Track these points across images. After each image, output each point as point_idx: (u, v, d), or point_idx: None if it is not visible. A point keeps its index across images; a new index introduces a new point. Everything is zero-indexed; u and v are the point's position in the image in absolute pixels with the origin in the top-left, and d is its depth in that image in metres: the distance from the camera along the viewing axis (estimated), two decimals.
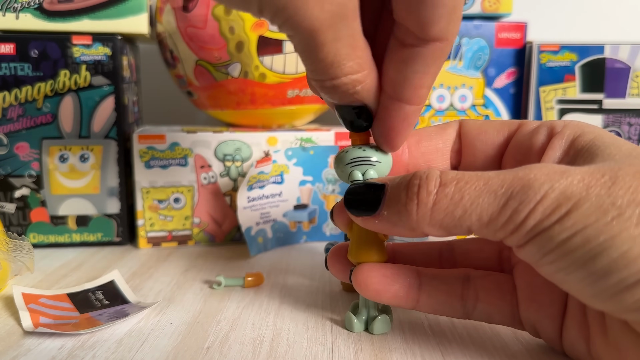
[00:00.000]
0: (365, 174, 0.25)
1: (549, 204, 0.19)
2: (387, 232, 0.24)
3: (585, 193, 0.19)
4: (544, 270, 0.20)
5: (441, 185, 0.21)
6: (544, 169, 0.20)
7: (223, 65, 0.47)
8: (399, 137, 0.24)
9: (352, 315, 0.27)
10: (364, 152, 0.25)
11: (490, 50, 0.54)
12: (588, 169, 0.20)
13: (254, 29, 0.46)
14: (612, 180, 0.19)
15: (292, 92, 0.49)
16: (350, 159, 0.25)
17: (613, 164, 0.20)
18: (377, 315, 0.27)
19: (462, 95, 0.55)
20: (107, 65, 0.46)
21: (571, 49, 0.53)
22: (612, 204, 0.18)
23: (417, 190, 0.22)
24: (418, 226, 0.22)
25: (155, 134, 0.45)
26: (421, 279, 0.26)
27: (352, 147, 0.25)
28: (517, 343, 0.26)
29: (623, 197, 0.18)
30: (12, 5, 0.45)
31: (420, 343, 0.26)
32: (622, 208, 0.18)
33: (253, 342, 0.26)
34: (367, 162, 0.25)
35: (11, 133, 0.45)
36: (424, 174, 0.22)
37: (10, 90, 0.44)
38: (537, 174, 0.20)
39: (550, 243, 0.19)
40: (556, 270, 0.19)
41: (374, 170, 0.25)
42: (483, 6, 0.54)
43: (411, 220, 0.22)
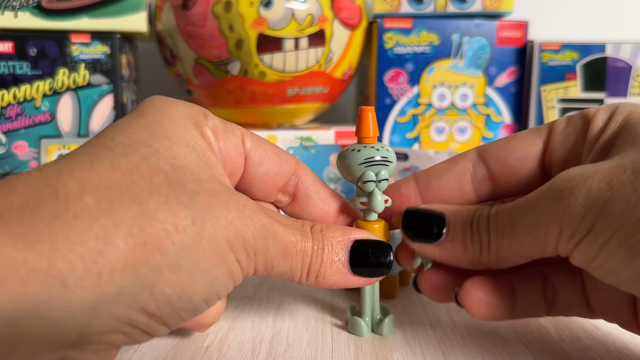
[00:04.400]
0: (378, 174, 0.24)
1: (577, 210, 0.19)
2: (447, 262, 0.24)
3: (609, 193, 0.18)
4: (596, 274, 0.20)
5: (490, 220, 0.22)
6: (563, 176, 0.20)
7: (222, 63, 0.47)
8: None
9: (359, 319, 0.26)
10: (379, 150, 0.24)
11: (491, 49, 0.54)
12: (608, 166, 0.19)
13: (254, 26, 0.46)
14: (634, 174, 0.18)
15: (291, 90, 0.49)
16: (364, 159, 0.24)
17: (635, 154, 0.19)
18: (382, 316, 0.26)
19: (463, 94, 0.55)
20: (105, 63, 0.46)
21: (572, 47, 0.53)
22: (639, 199, 0.18)
23: (478, 227, 0.22)
24: (481, 264, 0.23)
25: None
26: (514, 285, 0.24)
27: (363, 146, 0.24)
28: (518, 342, 0.25)
29: None
30: (11, 4, 0.45)
31: (421, 342, 0.25)
32: None
33: (252, 341, 0.25)
34: (383, 162, 0.24)
35: (10, 132, 0.45)
36: (483, 210, 0.23)
37: (9, 89, 0.44)
38: (558, 184, 0.20)
39: (592, 249, 0.19)
40: (606, 273, 0.19)
41: (385, 170, 0.24)
42: (484, 4, 0.53)
43: (474, 257, 0.23)
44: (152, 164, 0.18)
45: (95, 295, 0.15)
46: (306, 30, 0.47)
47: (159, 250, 0.17)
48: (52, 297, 0.15)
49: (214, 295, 0.19)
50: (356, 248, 0.23)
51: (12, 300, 0.14)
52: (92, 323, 0.16)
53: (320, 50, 0.48)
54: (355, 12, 0.50)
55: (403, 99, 0.55)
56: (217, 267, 0.18)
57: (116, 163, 0.18)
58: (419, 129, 0.55)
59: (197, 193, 0.19)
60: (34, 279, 0.14)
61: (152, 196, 0.17)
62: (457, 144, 0.55)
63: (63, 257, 0.15)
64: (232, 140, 0.23)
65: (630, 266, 0.18)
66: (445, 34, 0.53)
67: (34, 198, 0.16)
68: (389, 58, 0.54)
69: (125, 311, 0.16)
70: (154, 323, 0.17)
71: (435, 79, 0.54)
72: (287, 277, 0.22)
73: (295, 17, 0.46)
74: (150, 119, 0.20)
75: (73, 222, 0.15)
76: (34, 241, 0.15)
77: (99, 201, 0.16)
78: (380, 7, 0.53)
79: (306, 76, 0.49)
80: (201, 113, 0.22)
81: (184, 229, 0.17)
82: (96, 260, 0.15)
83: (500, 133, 0.55)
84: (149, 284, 0.16)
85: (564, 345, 0.25)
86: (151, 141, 0.19)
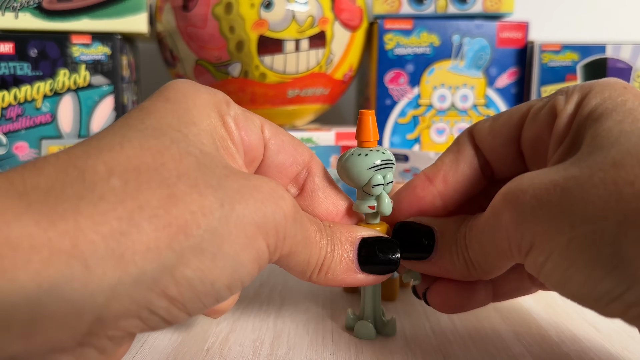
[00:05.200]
0: (386, 177, 0.24)
1: (515, 229, 0.20)
2: (438, 275, 0.24)
3: (540, 213, 0.19)
4: (548, 286, 0.20)
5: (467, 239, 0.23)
6: (504, 190, 0.20)
7: (223, 64, 0.47)
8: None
9: (367, 322, 0.26)
10: (384, 154, 0.24)
11: (491, 50, 0.54)
12: (542, 180, 0.19)
13: (254, 28, 0.46)
14: (564, 192, 0.18)
15: (292, 91, 0.49)
16: (373, 163, 0.24)
17: (578, 166, 0.19)
18: (385, 318, 0.26)
19: (463, 95, 0.55)
20: (106, 64, 0.46)
21: (573, 48, 0.53)
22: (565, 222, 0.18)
23: (462, 242, 0.23)
24: (472, 277, 0.23)
25: None
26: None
27: (369, 150, 0.24)
28: (518, 344, 0.25)
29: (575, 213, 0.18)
30: (12, 5, 0.45)
31: (421, 345, 0.25)
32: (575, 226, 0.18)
33: (253, 343, 0.26)
34: (389, 165, 0.24)
35: (10, 133, 0.45)
36: (462, 230, 0.23)
37: (10, 90, 0.44)
38: (498, 202, 0.21)
39: (535, 267, 0.20)
40: (553, 287, 0.20)
41: (391, 173, 0.25)
42: (485, 5, 0.53)
43: (463, 269, 0.23)
44: (182, 147, 0.18)
45: (115, 277, 0.15)
46: (307, 32, 0.47)
47: (184, 233, 0.16)
48: (73, 277, 0.15)
49: (238, 281, 0.18)
50: (364, 246, 0.23)
51: (35, 281, 0.14)
52: (111, 305, 0.15)
53: (321, 51, 0.48)
54: (355, 13, 0.50)
55: (403, 100, 0.55)
56: (243, 252, 0.18)
57: (146, 144, 0.17)
58: (419, 129, 0.55)
59: (227, 176, 0.18)
60: (56, 259, 0.14)
61: (180, 179, 0.17)
62: None
63: (86, 237, 0.15)
64: (252, 129, 0.23)
65: (567, 287, 0.19)
66: (446, 35, 0.53)
67: (60, 180, 0.16)
68: (390, 59, 0.54)
69: (145, 294, 0.16)
70: (174, 309, 0.17)
71: (435, 80, 0.54)
72: (301, 269, 0.22)
73: (296, 19, 0.46)
74: (177, 104, 0.20)
75: (98, 203, 0.15)
76: (58, 220, 0.15)
77: (126, 183, 0.16)
78: (381, 8, 0.53)
79: (307, 77, 0.49)
80: (224, 101, 0.22)
81: (211, 212, 0.17)
82: (119, 241, 0.15)
83: None
84: (171, 267, 0.16)
85: (564, 347, 0.25)
86: (180, 126, 0.19)
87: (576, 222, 0.18)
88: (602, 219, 0.17)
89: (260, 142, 0.24)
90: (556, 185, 0.18)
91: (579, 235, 0.17)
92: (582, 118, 0.21)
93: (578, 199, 0.18)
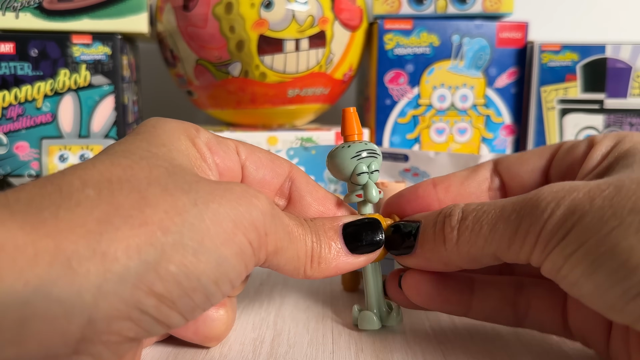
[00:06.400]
0: (370, 166, 0.25)
1: (556, 221, 0.19)
2: (424, 268, 0.25)
3: (588, 206, 0.19)
4: (563, 286, 0.20)
5: (462, 218, 0.22)
6: (553, 188, 0.20)
7: (223, 64, 0.47)
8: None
9: (370, 312, 0.26)
10: (366, 145, 0.25)
11: (491, 50, 0.54)
12: (597, 182, 0.20)
13: (255, 28, 0.46)
14: (616, 190, 0.19)
15: (292, 91, 0.49)
16: (356, 152, 0.25)
17: (629, 172, 0.20)
18: (389, 309, 0.27)
19: (463, 95, 0.55)
20: (107, 64, 0.46)
21: (572, 48, 0.53)
22: (613, 215, 0.18)
23: (442, 226, 0.23)
24: (450, 261, 0.23)
25: None
26: (474, 285, 0.25)
27: (352, 142, 0.25)
28: (518, 343, 0.26)
29: (624, 206, 0.18)
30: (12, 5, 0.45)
31: (421, 343, 0.26)
32: (623, 217, 0.18)
33: (253, 342, 0.26)
34: (372, 155, 0.25)
35: (11, 132, 0.45)
36: (448, 209, 0.23)
37: (10, 90, 0.44)
38: (545, 193, 0.20)
39: (559, 259, 0.19)
40: (571, 285, 0.19)
41: (376, 163, 0.25)
42: (484, 5, 0.53)
43: (442, 256, 0.23)
44: (151, 162, 0.19)
45: (100, 275, 0.16)
46: (307, 32, 0.47)
47: (161, 230, 0.17)
48: (58, 276, 0.15)
49: (224, 276, 0.18)
50: (347, 230, 0.24)
51: (21, 280, 0.14)
52: (99, 304, 0.16)
53: (321, 51, 0.48)
54: (355, 13, 0.50)
55: (403, 99, 0.55)
56: (225, 247, 0.18)
57: (116, 161, 0.19)
58: (419, 129, 0.55)
59: (198, 182, 0.19)
60: (41, 258, 0.15)
61: (150, 185, 0.18)
62: (457, 145, 0.55)
63: (67, 238, 0.15)
64: (227, 152, 0.24)
65: (591, 279, 0.18)
66: (446, 35, 0.54)
67: (39, 193, 0.17)
68: (389, 59, 0.54)
69: (131, 292, 0.16)
70: (164, 307, 0.17)
71: (435, 80, 0.54)
72: (293, 266, 0.22)
73: (296, 19, 0.46)
74: (146, 134, 0.21)
75: (75, 209, 0.16)
76: (40, 225, 0.15)
77: (100, 191, 0.17)
78: (381, 8, 0.53)
79: (307, 77, 0.49)
80: (193, 127, 0.23)
81: (186, 210, 0.18)
82: (99, 241, 0.16)
83: (500, 134, 0.56)
84: (154, 263, 0.16)
85: (564, 346, 0.25)
86: (149, 147, 0.20)
87: (625, 214, 0.18)
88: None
89: (236, 164, 0.24)
90: (609, 183, 0.19)
91: (624, 224, 0.18)
92: (619, 151, 0.22)
93: (631, 193, 0.18)
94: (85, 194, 0.17)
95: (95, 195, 0.17)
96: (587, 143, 0.24)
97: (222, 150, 0.24)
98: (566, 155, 0.24)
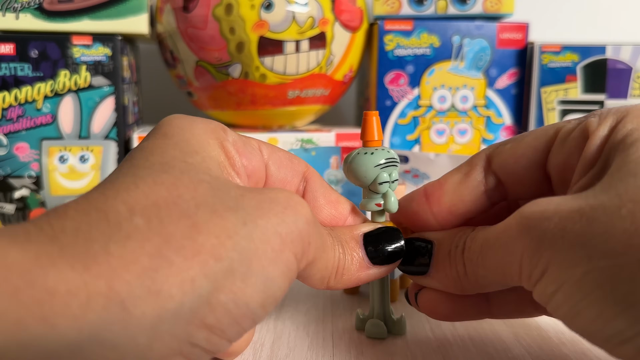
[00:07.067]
0: (391, 175, 0.25)
1: (532, 254, 0.19)
2: (438, 288, 0.24)
3: (561, 242, 0.18)
4: (555, 317, 0.20)
5: (467, 251, 0.22)
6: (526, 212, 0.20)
7: (223, 65, 0.47)
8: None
9: (380, 321, 0.26)
10: (389, 153, 0.25)
11: (491, 51, 0.54)
12: (569, 208, 0.18)
13: (255, 29, 0.46)
14: (589, 222, 0.17)
15: (292, 92, 0.49)
16: (379, 161, 0.24)
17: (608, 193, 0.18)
18: (394, 316, 0.27)
19: (463, 96, 0.55)
20: (107, 65, 0.46)
21: (573, 49, 0.53)
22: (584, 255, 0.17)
23: (455, 254, 0.23)
24: (463, 292, 0.23)
25: None
26: (489, 293, 0.25)
27: (374, 149, 0.25)
28: (518, 346, 0.26)
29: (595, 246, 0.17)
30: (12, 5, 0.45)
31: (421, 346, 0.26)
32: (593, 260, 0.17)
33: (253, 345, 0.26)
34: (393, 163, 0.25)
35: (11, 133, 0.45)
36: (461, 240, 0.23)
37: (10, 91, 0.44)
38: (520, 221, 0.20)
39: (544, 295, 0.19)
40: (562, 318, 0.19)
41: (396, 171, 0.25)
42: (485, 6, 0.53)
43: (457, 283, 0.23)
44: (193, 176, 0.18)
45: (155, 315, 0.15)
46: (307, 33, 0.47)
47: (214, 258, 0.16)
48: (112, 321, 0.14)
49: (271, 298, 0.18)
50: (368, 240, 0.24)
51: (75, 327, 0.14)
52: (153, 346, 0.15)
53: (321, 52, 0.48)
54: (356, 14, 0.50)
55: (403, 100, 0.55)
56: (271, 267, 0.18)
57: (158, 179, 0.18)
58: (419, 130, 0.55)
59: (243, 195, 0.19)
60: (95, 302, 0.14)
61: (199, 208, 0.17)
62: (457, 146, 0.55)
63: (120, 277, 0.15)
64: (252, 153, 0.23)
65: (576, 321, 0.18)
66: (446, 36, 0.53)
67: (85, 222, 0.16)
68: (390, 60, 0.54)
69: (185, 328, 0.16)
70: (214, 337, 0.17)
71: (435, 81, 0.54)
72: (320, 276, 0.22)
73: (296, 20, 0.46)
74: (176, 138, 0.20)
75: (126, 242, 0.15)
76: (91, 263, 0.14)
77: (148, 220, 0.16)
78: (381, 9, 0.53)
79: (307, 78, 0.49)
80: (220, 128, 0.23)
81: (236, 232, 0.17)
82: (153, 278, 0.15)
83: (500, 135, 0.55)
84: (207, 295, 0.16)
85: (564, 348, 0.25)
86: (184, 157, 0.19)
87: (595, 254, 0.17)
88: (622, 254, 0.16)
89: (261, 164, 0.24)
90: (582, 214, 0.18)
91: (595, 268, 0.17)
92: (615, 142, 0.19)
93: (601, 231, 0.17)
94: (134, 224, 0.16)
95: (144, 226, 0.16)
96: (580, 134, 0.21)
97: (248, 151, 0.23)
98: (562, 148, 0.22)
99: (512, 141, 0.24)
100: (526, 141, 0.23)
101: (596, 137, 0.20)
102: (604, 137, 0.20)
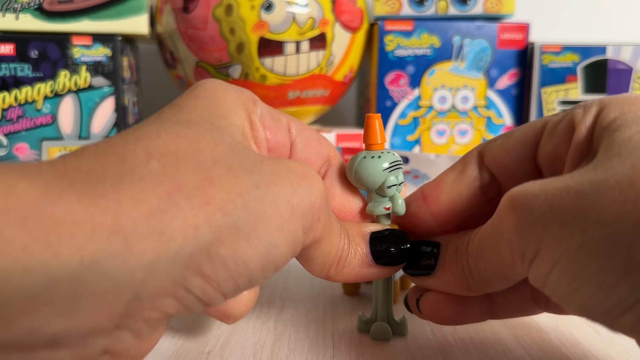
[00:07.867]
0: (398, 178, 0.25)
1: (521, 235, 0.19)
2: (442, 290, 0.24)
3: (551, 218, 0.18)
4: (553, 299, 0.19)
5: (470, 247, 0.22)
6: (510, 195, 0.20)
7: (223, 66, 0.47)
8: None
9: (384, 323, 0.26)
10: (394, 156, 0.25)
11: (492, 52, 0.54)
12: (555, 186, 0.18)
13: (255, 30, 0.46)
14: (577, 197, 0.17)
15: (292, 93, 0.49)
16: (386, 165, 0.24)
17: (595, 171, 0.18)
18: (396, 318, 0.27)
19: (464, 97, 0.55)
20: (107, 66, 0.46)
21: (573, 50, 0.53)
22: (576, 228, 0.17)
23: (461, 252, 0.23)
24: (470, 291, 0.23)
25: None
26: (491, 294, 0.25)
27: (381, 152, 0.25)
28: (519, 347, 0.25)
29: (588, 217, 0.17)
30: (12, 6, 0.45)
31: (422, 348, 0.26)
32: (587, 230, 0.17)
33: (254, 346, 0.26)
34: (399, 166, 0.25)
35: (11, 134, 0.45)
36: (464, 239, 0.23)
37: (10, 91, 0.44)
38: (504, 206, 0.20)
39: (540, 276, 0.19)
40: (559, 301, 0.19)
41: (401, 174, 0.25)
42: (485, 7, 0.53)
43: (463, 285, 0.23)
44: (216, 135, 0.19)
45: (154, 253, 0.15)
46: (307, 34, 0.47)
47: (221, 211, 0.17)
48: (114, 254, 0.15)
49: (271, 264, 0.18)
50: (375, 239, 0.24)
51: (78, 257, 0.14)
52: (148, 282, 0.16)
53: (322, 53, 0.48)
54: (356, 14, 0.50)
55: (404, 101, 0.55)
56: (277, 233, 0.18)
57: (182, 132, 0.18)
58: (419, 131, 0.55)
59: (261, 161, 0.19)
60: (99, 235, 0.15)
61: (216, 163, 0.17)
62: (458, 147, 0.55)
63: (127, 214, 0.15)
64: (279, 128, 0.24)
65: (575, 297, 0.18)
66: (446, 36, 0.53)
67: (100, 163, 0.16)
68: (390, 60, 0.54)
69: (181, 271, 0.16)
70: (209, 287, 0.17)
71: (436, 82, 0.54)
72: (322, 261, 0.22)
73: (297, 21, 0.46)
74: (207, 101, 0.21)
75: (138, 183, 0.16)
76: (100, 198, 0.15)
77: (164, 166, 0.17)
78: (381, 10, 0.53)
79: (307, 79, 0.49)
80: (251, 99, 0.23)
81: (247, 192, 0.17)
82: (159, 219, 0.16)
83: None
84: (207, 244, 0.16)
85: (564, 350, 0.25)
86: (211, 119, 0.20)
87: (588, 226, 0.17)
88: (617, 222, 0.16)
89: (286, 140, 0.24)
90: (569, 189, 0.18)
91: (590, 240, 0.17)
92: (600, 129, 0.20)
93: (592, 203, 0.17)
94: (149, 167, 0.16)
95: (159, 170, 0.16)
96: (567, 125, 0.22)
97: (275, 126, 0.23)
98: (550, 140, 0.22)
99: (502, 137, 0.24)
100: (515, 136, 0.24)
101: (582, 127, 0.21)
102: (589, 126, 0.21)
